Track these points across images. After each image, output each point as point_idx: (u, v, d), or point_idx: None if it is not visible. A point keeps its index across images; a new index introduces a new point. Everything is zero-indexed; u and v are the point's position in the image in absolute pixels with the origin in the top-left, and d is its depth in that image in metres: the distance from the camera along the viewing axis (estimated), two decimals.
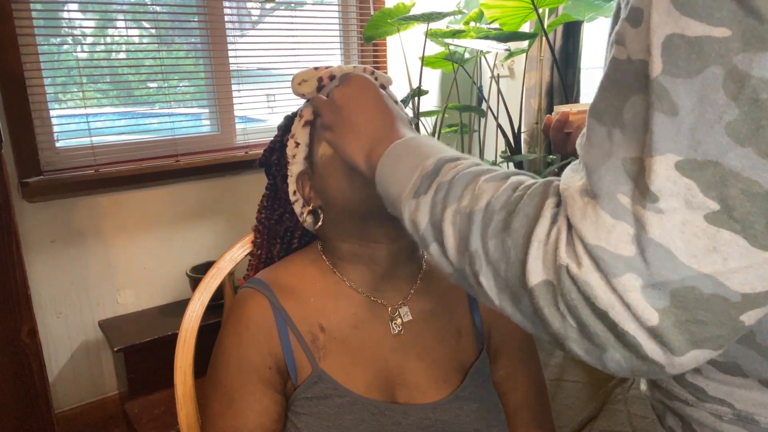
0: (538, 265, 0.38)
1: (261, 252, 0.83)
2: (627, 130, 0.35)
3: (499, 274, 0.41)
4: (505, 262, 0.40)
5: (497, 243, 0.40)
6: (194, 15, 2.04)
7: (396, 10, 1.97)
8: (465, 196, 0.44)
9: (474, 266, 0.42)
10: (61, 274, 1.84)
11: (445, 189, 0.46)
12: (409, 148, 0.53)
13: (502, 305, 0.42)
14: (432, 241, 0.47)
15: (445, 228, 0.45)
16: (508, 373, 0.79)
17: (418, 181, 0.49)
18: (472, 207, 0.43)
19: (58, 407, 1.86)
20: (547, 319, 0.38)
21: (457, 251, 0.44)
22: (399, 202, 0.50)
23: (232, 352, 0.70)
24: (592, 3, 2.06)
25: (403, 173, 0.51)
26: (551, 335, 0.39)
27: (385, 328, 0.73)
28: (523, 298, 0.39)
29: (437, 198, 0.46)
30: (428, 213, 0.47)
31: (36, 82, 1.73)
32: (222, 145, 2.16)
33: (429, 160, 0.49)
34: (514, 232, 0.40)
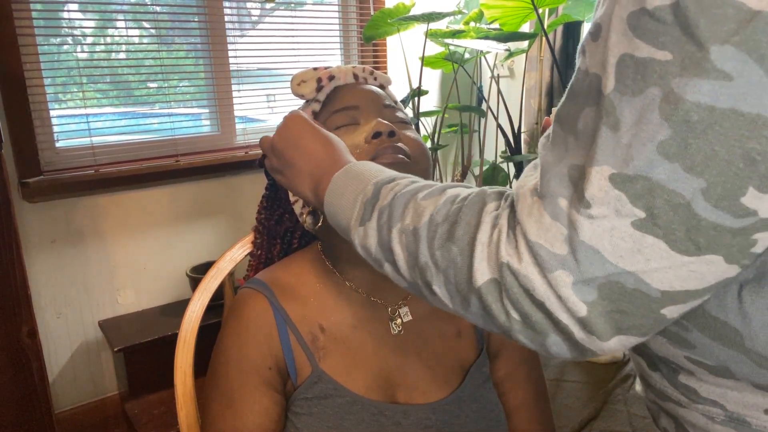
0: (484, 266, 0.41)
1: (261, 252, 0.83)
2: (579, 138, 0.38)
3: (449, 281, 0.44)
4: (453, 269, 0.43)
5: (444, 252, 0.44)
6: (194, 15, 2.04)
7: (396, 10, 1.97)
8: (407, 215, 0.47)
9: (426, 277, 0.45)
10: (61, 274, 1.84)
11: (387, 212, 0.49)
12: (347, 178, 0.55)
13: (455, 308, 0.45)
14: (384, 262, 0.50)
15: (394, 248, 0.48)
16: (508, 373, 0.79)
17: (362, 208, 0.52)
18: (416, 224, 0.46)
19: (58, 407, 1.86)
20: (494, 314, 0.41)
21: (408, 267, 0.47)
22: (348, 231, 0.53)
23: (232, 352, 0.70)
24: (592, 3, 2.06)
25: (347, 203, 0.54)
26: (499, 328, 0.42)
27: (385, 329, 0.73)
28: (472, 299, 0.42)
29: (381, 222, 0.49)
30: (376, 237, 0.50)
31: (36, 82, 1.73)
32: (222, 145, 2.16)
33: (368, 186, 0.52)
34: (458, 240, 0.43)
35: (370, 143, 0.68)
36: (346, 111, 0.73)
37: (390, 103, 0.76)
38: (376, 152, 0.67)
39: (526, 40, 2.13)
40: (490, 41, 1.90)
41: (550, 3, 1.89)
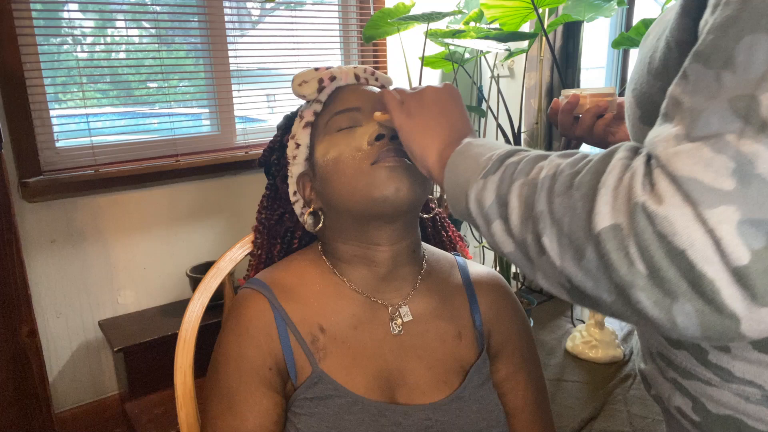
0: (606, 210, 0.37)
1: (261, 252, 0.83)
2: (739, 69, 0.35)
3: (562, 231, 0.40)
4: (570, 216, 0.39)
5: (563, 199, 0.40)
6: (194, 15, 2.04)
7: (396, 10, 1.97)
8: (533, 170, 0.45)
9: (537, 228, 0.42)
10: (61, 274, 1.84)
11: (515, 167, 0.47)
12: (482, 142, 0.54)
13: (563, 266, 0.40)
14: (496, 218, 0.47)
15: (510, 200, 0.45)
16: (508, 373, 0.79)
17: (488, 163, 0.49)
18: (539, 176, 0.44)
19: (58, 407, 1.86)
20: (614, 265, 0.36)
21: (521, 220, 0.44)
22: (466, 186, 0.50)
23: (232, 352, 0.70)
24: (592, 3, 2.06)
25: (474, 162, 0.52)
26: (616, 285, 0.37)
27: (385, 329, 0.73)
28: (587, 250, 0.38)
29: (505, 175, 0.47)
30: (495, 190, 0.47)
31: (36, 82, 1.73)
32: (222, 145, 2.16)
33: (501, 149, 0.51)
34: (581, 185, 0.39)
35: (373, 146, 0.68)
36: (347, 113, 0.73)
37: None
38: (378, 155, 0.67)
39: (526, 40, 2.12)
40: (490, 41, 1.90)
41: (550, 3, 1.89)
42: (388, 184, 0.66)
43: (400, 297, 0.75)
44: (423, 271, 0.78)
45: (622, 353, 2.07)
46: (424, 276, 0.77)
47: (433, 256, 0.81)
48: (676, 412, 0.56)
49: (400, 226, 0.72)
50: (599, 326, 2.06)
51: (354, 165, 0.68)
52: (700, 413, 0.53)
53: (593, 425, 1.69)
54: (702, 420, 0.53)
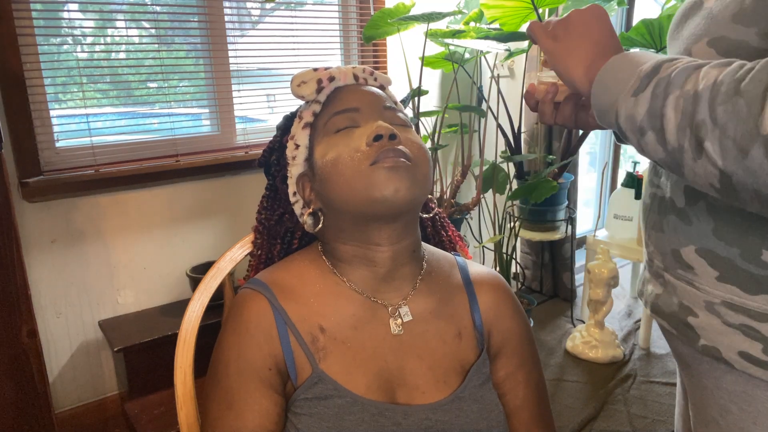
0: None
1: (261, 252, 0.83)
2: None
3: (726, 135, 0.45)
4: (735, 121, 0.44)
5: (727, 107, 0.45)
6: (194, 15, 2.04)
7: (396, 10, 1.97)
8: (688, 83, 0.49)
9: (699, 134, 0.47)
10: (61, 274, 1.84)
11: (666, 82, 0.51)
12: (627, 58, 0.57)
13: (725, 165, 0.46)
14: (648, 130, 0.52)
15: (666, 112, 0.50)
16: (508, 373, 0.79)
17: (637, 81, 0.54)
18: (698, 88, 0.48)
19: (58, 407, 1.87)
20: None
21: (677, 129, 0.49)
22: (616, 105, 0.55)
23: (232, 353, 0.70)
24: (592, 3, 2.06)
25: (621, 79, 0.56)
26: None
27: (385, 329, 0.73)
28: (753, 149, 0.43)
29: (657, 90, 0.51)
30: (647, 105, 0.52)
31: (36, 82, 1.73)
32: (222, 145, 2.16)
33: (647, 63, 0.54)
34: (747, 93, 0.44)
35: (371, 146, 0.68)
36: (346, 113, 0.73)
37: (390, 104, 0.76)
38: (377, 155, 0.67)
39: (526, 40, 2.12)
40: (490, 41, 1.90)
41: (550, 3, 1.89)
42: (387, 184, 0.66)
43: (400, 297, 0.75)
44: (423, 271, 0.78)
45: (622, 353, 2.07)
46: (424, 276, 0.77)
47: (433, 256, 0.81)
48: (739, 357, 0.60)
49: (399, 226, 0.72)
50: (599, 326, 2.06)
51: (353, 166, 0.68)
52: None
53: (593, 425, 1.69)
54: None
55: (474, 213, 2.64)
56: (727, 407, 0.64)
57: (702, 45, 0.58)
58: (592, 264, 2.05)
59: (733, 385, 0.62)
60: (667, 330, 0.69)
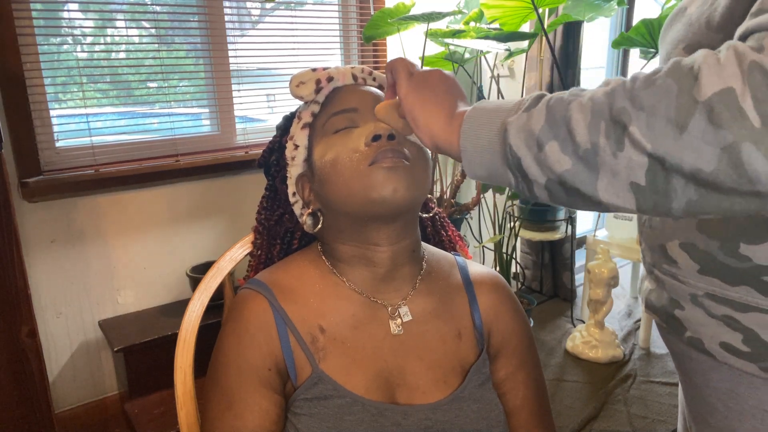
0: (713, 80, 0.40)
1: (261, 252, 0.83)
2: None
3: (656, 115, 0.42)
4: (666, 99, 0.42)
5: (651, 90, 0.43)
6: (194, 15, 2.04)
7: (396, 10, 1.97)
8: (586, 93, 0.47)
9: (622, 121, 0.44)
10: (61, 274, 1.84)
11: (560, 97, 0.49)
12: (496, 101, 0.55)
13: (656, 145, 0.43)
14: (549, 140, 0.48)
15: (572, 115, 0.47)
16: (508, 373, 0.79)
17: (524, 104, 0.51)
18: (606, 89, 0.46)
19: (58, 407, 1.87)
20: (726, 124, 0.39)
21: (590, 127, 0.46)
22: (500, 127, 0.51)
23: (232, 353, 0.70)
24: (592, 3, 2.06)
25: (499, 110, 0.53)
26: (725, 147, 0.40)
27: (384, 329, 0.73)
28: (691, 120, 0.41)
29: (553, 103, 0.49)
30: (544, 116, 0.48)
31: (36, 82, 1.73)
32: (222, 145, 2.16)
33: (525, 97, 0.52)
34: (672, 74, 0.42)
35: (370, 146, 0.68)
36: (344, 113, 0.73)
37: None
38: (376, 156, 0.67)
39: (526, 40, 2.12)
40: (490, 41, 1.90)
41: (550, 3, 1.89)
42: (385, 184, 0.66)
43: (399, 297, 0.75)
44: (423, 271, 0.78)
45: (622, 353, 2.07)
46: (424, 276, 0.77)
47: (433, 256, 0.81)
48: (720, 348, 0.61)
49: (399, 226, 0.72)
50: (599, 326, 2.06)
51: (351, 166, 0.68)
52: (752, 343, 0.58)
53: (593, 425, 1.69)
54: (752, 350, 0.58)
55: (474, 213, 2.64)
56: (715, 405, 0.65)
57: (679, 50, 0.59)
58: (592, 264, 2.05)
59: (719, 383, 0.63)
60: (660, 324, 0.70)
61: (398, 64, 0.64)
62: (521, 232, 2.37)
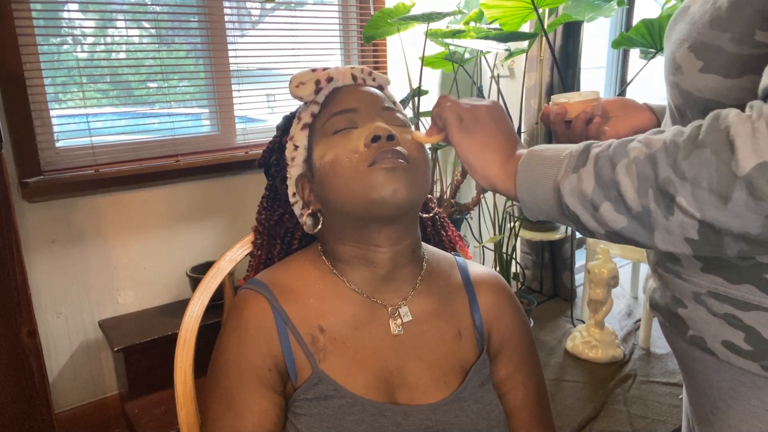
0: (748, 154, 0.42)
1: (261, 252, 0.83)
2: None
3: (699, 185, 0.45)
4: (706, 171, 0.44)
5: (692, 161, 0.45)
6: (194, 15, 2.04)
7: (396, 10, 1.97)
8: (632, 151, 0.49)
9: (668, 192, 0.47)
10: (61, 274, 1.84)
11: (607, 155, 0.51)
12: (546, 147, 0.58)
13: (704, 214, 0.45)
14: (603, 201, 0.51)
15: (619, 180, 0.49)
16: (508, 373, 0.79)
17: (572, 161, 0.54)
18: (649, 152, 0.48)
19: (58, 407, 1.87)
20: (766, 195, 0.42)
21: (638, 193, 0.48)
22: (556, 185, 0.54)
23: (232, 353, 0.70)
24: (592, 3, 2.06)
25: (550, 162, 0.55)
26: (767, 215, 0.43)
27: (385, 329, 0.73)
28: (734, 192, 0.43)
29: (600, 164, 0.51)
30: (593, 178, 0.51)
31: (36, 82, 1.73)
32: (222, 145, 2.16)
33: (572, 146, 0.54)
34: (709, 144, 0.44)
35: (369, 147, 0.68)
36: (344, 114, 0.73)
37: (389, 104, 0.76)
38: (375, 156, 0.67)
39: (526, 40, 2.12)
40: (490, 41, 1.90)
41: (550, 3, 1.89)
42: (385, 185, 0.66)
43: (399, 297, 0.75)
44: (423, 271, 0.78)
45: (622, 353, 2.07)
46: (424, 276, 0.77)
47: (433, 256, 0.81)
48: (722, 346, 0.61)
49: (399, 227, 0.72)
50: (599, 326, 2.06)
51: (351, 167, 0.68)
52: (754, 342, 0.59)
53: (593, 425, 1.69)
54: (754, 349, 0.59)
55: (474, 213, 2.64)
56: (717, 404, 0.65)
57: (684, 49, 0.60)
58: (592, 264, 2.05)
59: (721, 382, 0.63)
60: (663, 323, 0.71)
61: (447, 113, 0.65)
62: (521, 232, 2.37)
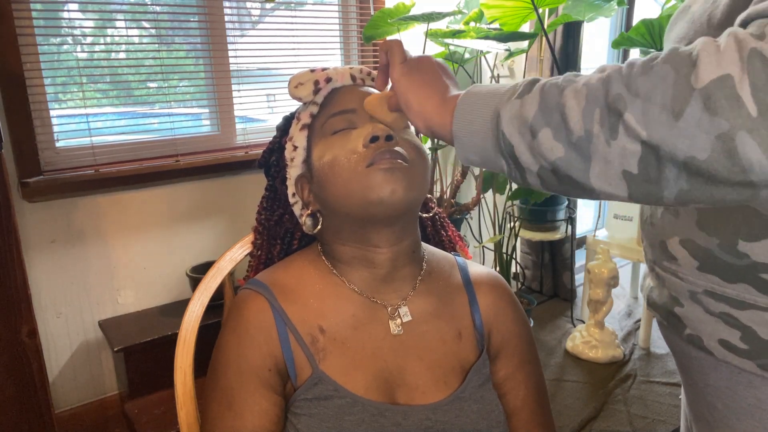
0: (711, 67, 0.39)
1: (261, 253, 0.83)
2: None
3: (651, 101, 0.42)
4: (662, 86, 0.41)
5: (648, 77, 0.42)
6: (194, 15, 2.04)
7: (396, 10, 1.97)
8: (582, 78, 0.46)
9: (617, 108, 0.43)
10: (61, 274, 1.84)
11: (554, 82, 0.48)
12: (489, 84, 0.55)
13: (650, 133, 0.42)
14: (543, 127, 0.47)
15: (566, 102, 0.46)
16: (508, 374, 0.79)
17: (516, 89, 0.50)
18: (602, 75, 0.45)
19: (58, 407, 1.87)
20: (722, 111, 0.39)
21: (584, 114, 0.45)
22: (493, 113, 0.51)
23: (232, 353, 0.70)
24: (592, 3, 2.06)
25: (492, 94, 0.52)
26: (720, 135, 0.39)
27: (384, 329, 0.73)
28: (688, 106, 0.40)
29: (548, 88, 0.48)
30: (537, 103, 0.48)
31: (36, 82, 1.73)
32: (222, 145, 2.16)
33: (518, 82, 0.52)
34: (671, 60, 0.42)
35: (368, 147, 0.68)
36: (343, 114, 0.73)
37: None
38: (374, 157, 0.67)
39: (526, 40, 2.12)
40: (490, 41, 1.90)
41: (550, 3, 1.89)
42: (383, 186, 0.66)
43: (399, 297, 0.75)
44: (423, 271, 0.78)
45: (622, 353, 2.07)
46: (424, 276, 0.77)
47: (433, 256, 0.81)
48: (718, 345, 0.61)
49: (398, 227, 0.72)
50: (599, 326, 2.06)
51: (349, 168, 0.68)
52: (749, 341, 0.58)
53: (593, 425, 1.69)
54: (750, 347, 0.58)
55: (474, 213, 2.64)
56: (714, 404, 0.65)
57: None
58: (592, 264, 2.05)
59: (718, 381, 0.63)
60: (660, 322, 0.71)
61: (394, 45, 0.64)
62: (521, 232, 2.37)
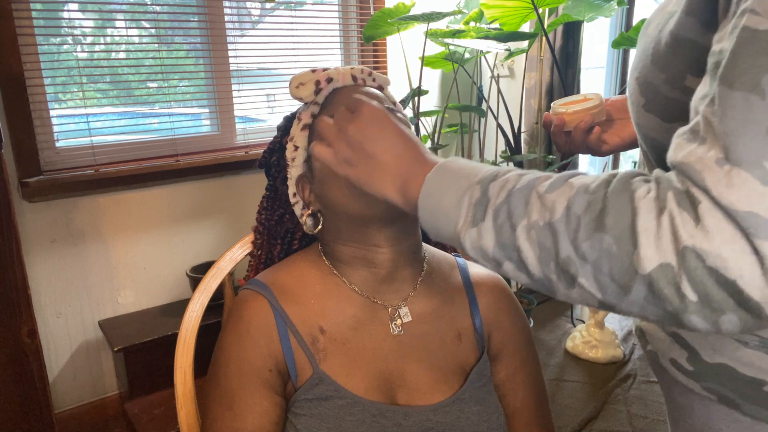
0: (651, 253, 0.39)
1: (261, 252, 0.83)
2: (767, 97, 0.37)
3: (601, 271, 0.42)
4: (607, 259, 0.42)
5: (593, 243, 0.42)
6: (194, 15, 2.04)
7: (396, 10, 1.97)
8: (532, 212, 0.46)
9: (569, 271, 0.44)
10: (61, 274, 1.84)
11: (506, 210, 0.47)
12: (443, 178, 0.52)
13: (605, 299, 0.43)
14: (504, 260, 0.48)
15: (520, 245, 0.46)
16: (508, 375, 0.79)
17: (471, 210, 0.49)
18: (549, 219, 0.44)
19: (58, 407, 1.87)
20: (666, 298, 0.40)
21: (540, 263, 0.45)
22: (456, 235, 0.51)
23: (232, 354, 0.70)
24: (592, 3, 2.06)
25: (449, 206, 0.51)
26: (668, 313, 0.41)
27: (385, 330, 0.73)
28: (634, 287, 0.41)
29: (499, 221, 0.47)
30: (493, 237, 0.48)
31: (36, 82, 1.73)
32: (222, 145, 2.16)
33: (472, 186, 0.50)
34: (610, 229, 0.41)
35: None
36: None
37: (389, 105, 0.76)
38: None
39: (526, 40, 2.12)
40: (490, 41, 1.90)
41: (550, 3, 1.89)
42: None
43: (400, 298, 0.75)
44: (423, 272, 0.78)
45: (622, 353, 2.06)
46: (425, 277, 0.77)
47: (434, 257, 0.81)
48: (670, 364, 0.60)
49: (398, 227, 0.72)
50: (599, 326, 2.06)
51: None
52: (695, 363, 0.57)
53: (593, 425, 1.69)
54: (695, 369, 0.57)
55: None
56: (677, 419, 0.64)
57: (633, 80, 0.57)
58: None
59: (679, 397, 0.63)
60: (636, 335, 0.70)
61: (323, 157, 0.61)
62: None
